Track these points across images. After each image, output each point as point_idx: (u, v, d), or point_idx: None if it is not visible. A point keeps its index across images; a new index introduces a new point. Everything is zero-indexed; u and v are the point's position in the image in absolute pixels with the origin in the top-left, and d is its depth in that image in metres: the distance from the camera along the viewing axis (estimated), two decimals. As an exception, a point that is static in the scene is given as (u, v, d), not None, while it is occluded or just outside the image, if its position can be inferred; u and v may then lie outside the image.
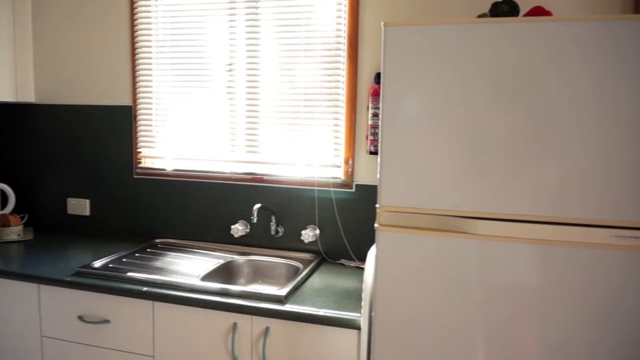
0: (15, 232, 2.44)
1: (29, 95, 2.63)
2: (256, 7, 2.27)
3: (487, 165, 1.37)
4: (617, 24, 1.25)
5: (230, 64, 2.34)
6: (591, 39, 1.27)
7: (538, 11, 1.54)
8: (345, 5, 2.16)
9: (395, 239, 1.45)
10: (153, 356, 1.86)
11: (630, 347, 1.33)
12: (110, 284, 1.88)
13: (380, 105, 1.43)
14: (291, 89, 2.26)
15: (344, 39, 2.18)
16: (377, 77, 2.06)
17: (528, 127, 1.33)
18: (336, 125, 2.22)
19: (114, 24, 2.49)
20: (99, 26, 2.52)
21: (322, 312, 1.65)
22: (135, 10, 2.44)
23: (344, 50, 2.18)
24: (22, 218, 2.51)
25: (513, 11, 1.59)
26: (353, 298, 1.79)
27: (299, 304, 1.72)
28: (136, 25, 2.45)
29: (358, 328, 1.61)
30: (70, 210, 2.66)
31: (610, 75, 1.27)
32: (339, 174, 2.25)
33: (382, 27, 1.43)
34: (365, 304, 1.57)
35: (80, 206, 2.64)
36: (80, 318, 1.94)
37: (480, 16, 1.66)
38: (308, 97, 2.24)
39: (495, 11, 1.61)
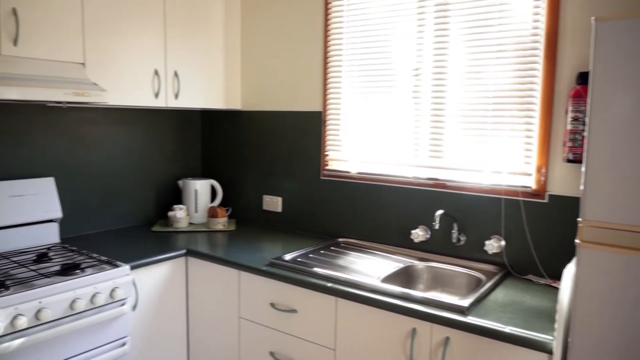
0: (221, 222, 2.79)
1: (235, 102, 2.98)
2: (446, 10, 2.23)
3: None
4: None
5: (416, 68, 2.34)
6: None
7: None
8: (543, 1, 2.00)
9: (600, 258, 1.30)
10: (334, 349, 1.96)
11: None
12: (298, 276, 2.02)
13: (588, 108, 1.30)
14: (479, 92, 2.18)
15: (541, 37, 2.02)
16: (580, 77, 1.86)
17: None
18: (528, 130, 2.07)
19: (309, 36, 2.68)
20: (296, 38, 2.74)
21: (508, 329, 1.56)
22: (329, 21, 2.60)
23: (540, 50, 2.03)
24: (227, 211, 2.86)
25: None
26: (543, 319, 1.65)
27: (482, 317, 1.64)
28: (329, 36, 2.61)
29: (549, 352, 1.47)
30: (265, 207, 2.94)
31: None
32: (530, 183, 2.09)
33: (593, 22, 1.29)
34: (559, 327, 1.44)
35: (273, 203, 2.90)
36: (272, 305, 2.13)
37: None
38: (497, 100, 2.13)
39: None
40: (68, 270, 1.96)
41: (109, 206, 2.76)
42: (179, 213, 2.79)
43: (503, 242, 2.15)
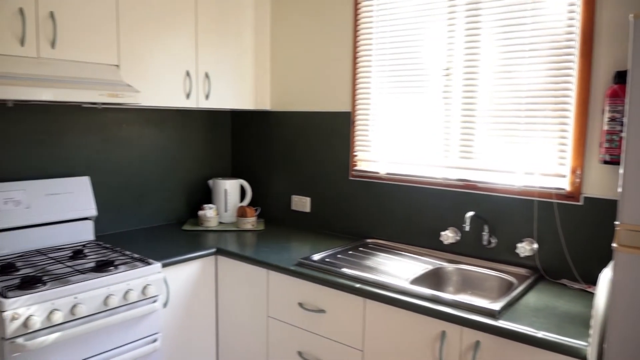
0: (250, 222, 2.82)
1: (265, 103, 3.00)
2: (477, 9, 2.20)
3: None
4: None
5: (447, 68, 2.31)
6: None
7: None
8: (579, -1, 1.95)
9: (638, 262, 1.26)
10: (362, 350, 1.95)
11: None
12: (326, 277, 2.02)
13: (626, 108, 1.26)
14: (511, 92, 2.14)
15: (576, 35, 1.97)
16: (617, 76, 1.81)
17: None
18: (562, 131, 2.03)
19: (339, 36, 2.68)
20: (326, 39, 2.74)
21: (540, 334, 1.52)
22: (358, 21, 2.59)
23: (575, 48, 1.98)
24: (256, 210, 2.89)
25: None
26: (577, 324, 1.61)
27: (513, 321, 1.61)
28: (358, 36, 2.60)
29: (583, 358, 1.44)
30: (293, 206, 2.96)
31: None
32: (564, 185, 2.04)
33: (631, 19, 1.25)
34: (594, 333, 1.40)
35: (302, 203, 2.91)
36: (300, 305, 2.13)
37: None
38: (530, 100, 2.09)
39: None
40: (102, 267, 2.01)
41: (141, 205, 2.82)
42: (208, 212, 2.83)
43: (535, 245, 2.10)
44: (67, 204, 2.36)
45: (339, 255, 2.30)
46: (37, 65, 2.01)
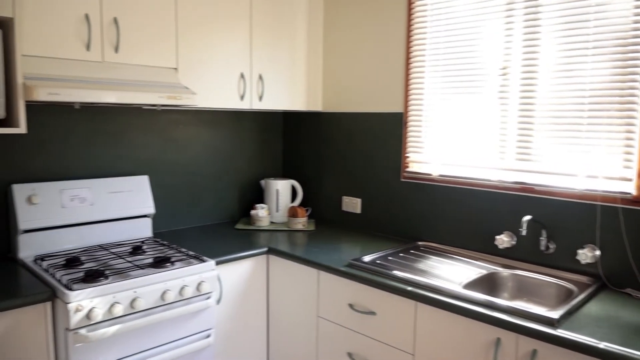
0: (301, 222, 2.84)
1: (317, 104, 3.02)
2: (537, 6, 2.13)
3: None
4: None
5: (503, 68, 2.25)
6: None
7: None
8: (649, -7, 1.85)
9: None
10: (413, 354, 1.93)
11: None
12: (377, 278, 2.01)
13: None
14: (573, 92, 2.05)
15: (646, 31, 1.87)
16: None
17: None
18: (628, 132, 1.92)
19: (391, 36, 2.66)
20: (378, 40, 2.73)
21: (602, 344, 1.45)
22: (412, 21, 2.56)
23: (644, 45, 1.88)
24: (307, 211, 2.91)
25: None
26: (644, 336, 1.52)
27: (573, 330, 1.55)
28: (412, 36, 2.57)
29: (651, 372, 1.36)
30: (344, 207, 2.96)
31: None
32: (630, 189, 1.93)
33: None
34: (663, 345, 1.32)
35: (352, 204, 2.91)
36: (350, 306, 2.13)
37: None
38: (593, 100, 2.00)
39: None
40: (160, 263, 2.09)
41: (196, 204, 2.90)
42: (260, 212, 2.88)
43: (598, 252, 2.01)
44: (127, 202, 2.47)
45: (389, 257, 2.28)
46: (102, 69, 2.11)
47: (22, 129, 1.88)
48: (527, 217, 2.05)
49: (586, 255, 2.01)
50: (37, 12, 1.94)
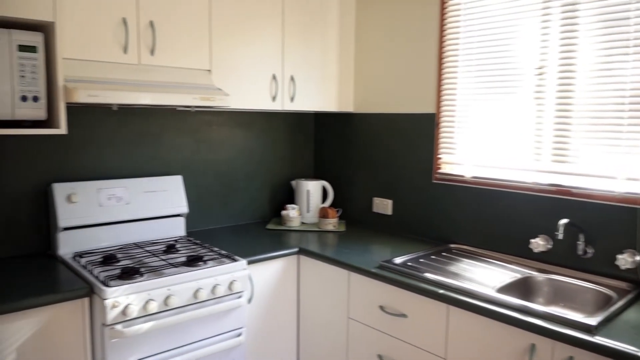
0: (331, 223, 2.84)
1: (348, 105, 3.02)
2: (574, 4, 2.07)
3: None
4: None
5: (540, 67, 2.20)
6: None
7: None
8: (695, -12, 1.78)
9: None
10: (445, 358, 1.90)
11: None
12: (409, 281, 2.00)
13: None
14: (612, 92, 1.99)
15: (692, 29, 1.80)
16: None
17: None
18: (673, 133, 1.86)
19: (424, 37, 2.64)
20: (411, 40, 2.70)
21: (644, 353, 1.40)
22: (445, 21, 2.54)
23: (690, 43, 1.80)
24: (337, 211, 2.91)
25: None
26: (688, 345, 1.46)
27: (611, 337, 1.50)
28: (444, 36, 2.55)
29: (696, 383, 1.31)
30: (375, 209, 2.94)
31: None
32: (673, 192, 1.87)
33: None
34: None
35: (383, 205, 2.89)
36: (381, 308, 2.12)
37: None
38: (634, 100, 1.93)
39: None
40: (193, 261, 2.12)
41: (227, 204, 2.94)
42: (291, 212, 2.89)
43: (638, 257, 1.94)
44: (162, 201, 2.52)
45: (421, 260, 2.26)
46: (138, 72, 2.16)
47: (62, 129, 1.95)
48: (564, 221, 2.00)
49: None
50: (77, 17, 2.00)
